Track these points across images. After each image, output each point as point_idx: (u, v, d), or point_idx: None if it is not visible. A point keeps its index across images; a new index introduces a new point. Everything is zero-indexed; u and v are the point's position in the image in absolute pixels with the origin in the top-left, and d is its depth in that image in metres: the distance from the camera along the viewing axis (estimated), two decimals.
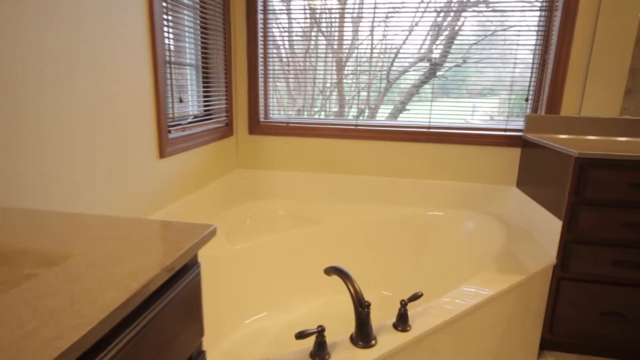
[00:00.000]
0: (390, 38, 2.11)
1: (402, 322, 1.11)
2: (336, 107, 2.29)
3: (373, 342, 1.04)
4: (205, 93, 1.99)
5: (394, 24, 2.09)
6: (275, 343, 1.67)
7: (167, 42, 1.58)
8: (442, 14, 2.05)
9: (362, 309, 1.04)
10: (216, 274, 1.65)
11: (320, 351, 0.99)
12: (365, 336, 1.04)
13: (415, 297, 1.14)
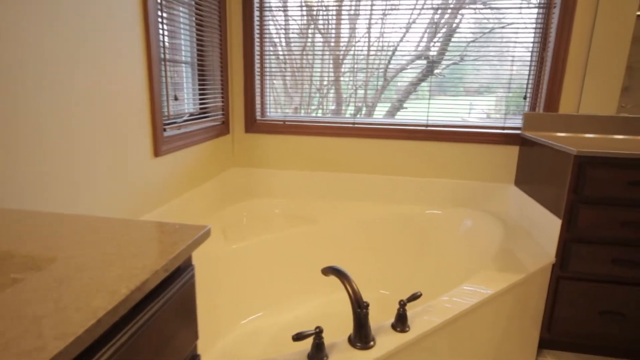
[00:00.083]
0: (388, 35, 2.09)
1: (400, 323, 1.10)
2: (333, 105, 2.27)
3: (372, 343, 1.03)
4: (201, 91, 1.96)
5: (391, 22, 2.07)
6: (272, 343, 1.65)
7: (162, 39, 1.56)
8: (440, 11, 2.04)
9: (360, 309, 1.03)
10: (212, 274, 1.63)
11: (318, 353, 0.97)
12: (363, 337, 1.03)
13: (414, 297, 1.13)
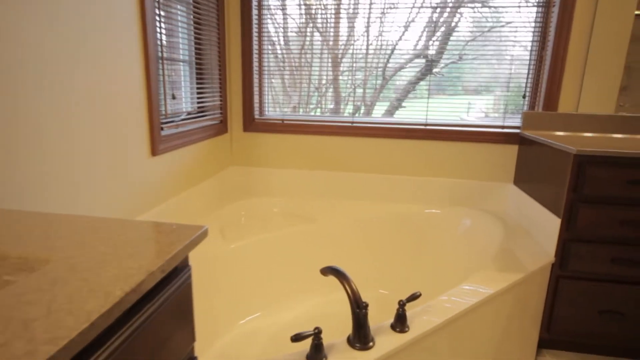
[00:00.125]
0: (386, 34, 2.08)
1: (400, 323, 1.09)
2: (332, 104, 2.26)
3: (371, 344, 1.02)
4: (198, 90, 1.95)
5: (389, 21, 2.06)
6: (270, 344, 1.64)
7: (160, 38, 1.54)
8: (439, 10, 2.03)
9: (359, 310, 1.02)
10: (210, 273, 1.62)
11: (317, 354, 0.96)
12: (362, 338, 1.02)
13: (414, 297, 1.12)
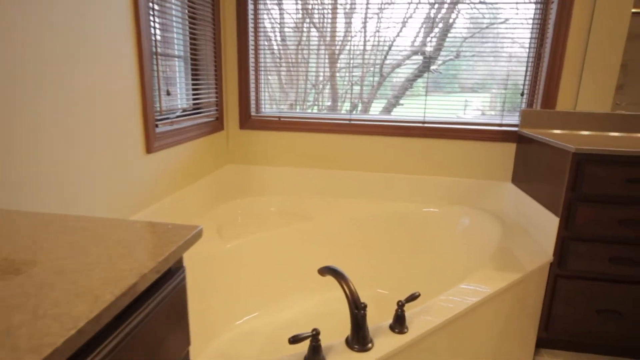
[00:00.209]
0: (383, 31, 2.06)
1: (399, 324, 1.07)
2: (329, 102, 2.24)
3: (369, 345, 1.00)
4: (194, 86, 1.92)
5: (387, 17, 2.04)
6: (267, 344, 1.62)
7: (154, 32, 1.51)
8: (436, 6, 2.01)
9: (357, 310, 1.00)
10: (206, 273, 1.60)
11: (315, 355, 0.95)
12: (361, 339, 1.00)
13: (413, 297, 1.11)
